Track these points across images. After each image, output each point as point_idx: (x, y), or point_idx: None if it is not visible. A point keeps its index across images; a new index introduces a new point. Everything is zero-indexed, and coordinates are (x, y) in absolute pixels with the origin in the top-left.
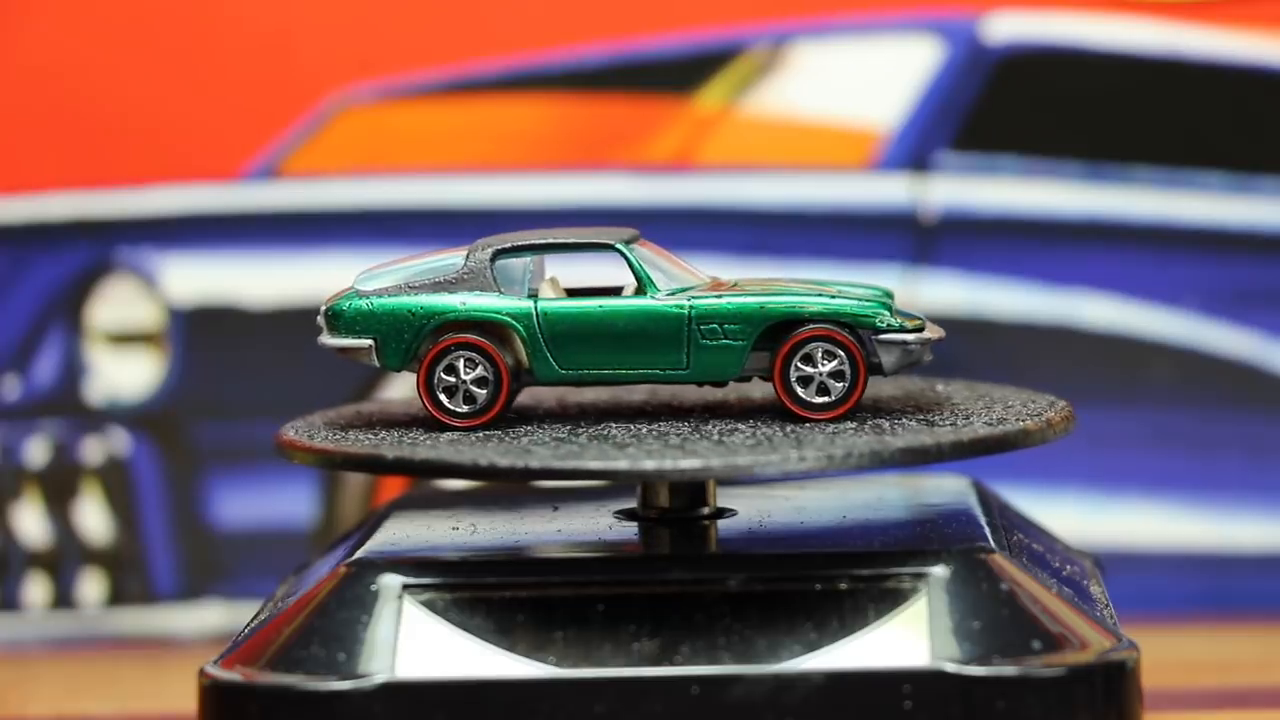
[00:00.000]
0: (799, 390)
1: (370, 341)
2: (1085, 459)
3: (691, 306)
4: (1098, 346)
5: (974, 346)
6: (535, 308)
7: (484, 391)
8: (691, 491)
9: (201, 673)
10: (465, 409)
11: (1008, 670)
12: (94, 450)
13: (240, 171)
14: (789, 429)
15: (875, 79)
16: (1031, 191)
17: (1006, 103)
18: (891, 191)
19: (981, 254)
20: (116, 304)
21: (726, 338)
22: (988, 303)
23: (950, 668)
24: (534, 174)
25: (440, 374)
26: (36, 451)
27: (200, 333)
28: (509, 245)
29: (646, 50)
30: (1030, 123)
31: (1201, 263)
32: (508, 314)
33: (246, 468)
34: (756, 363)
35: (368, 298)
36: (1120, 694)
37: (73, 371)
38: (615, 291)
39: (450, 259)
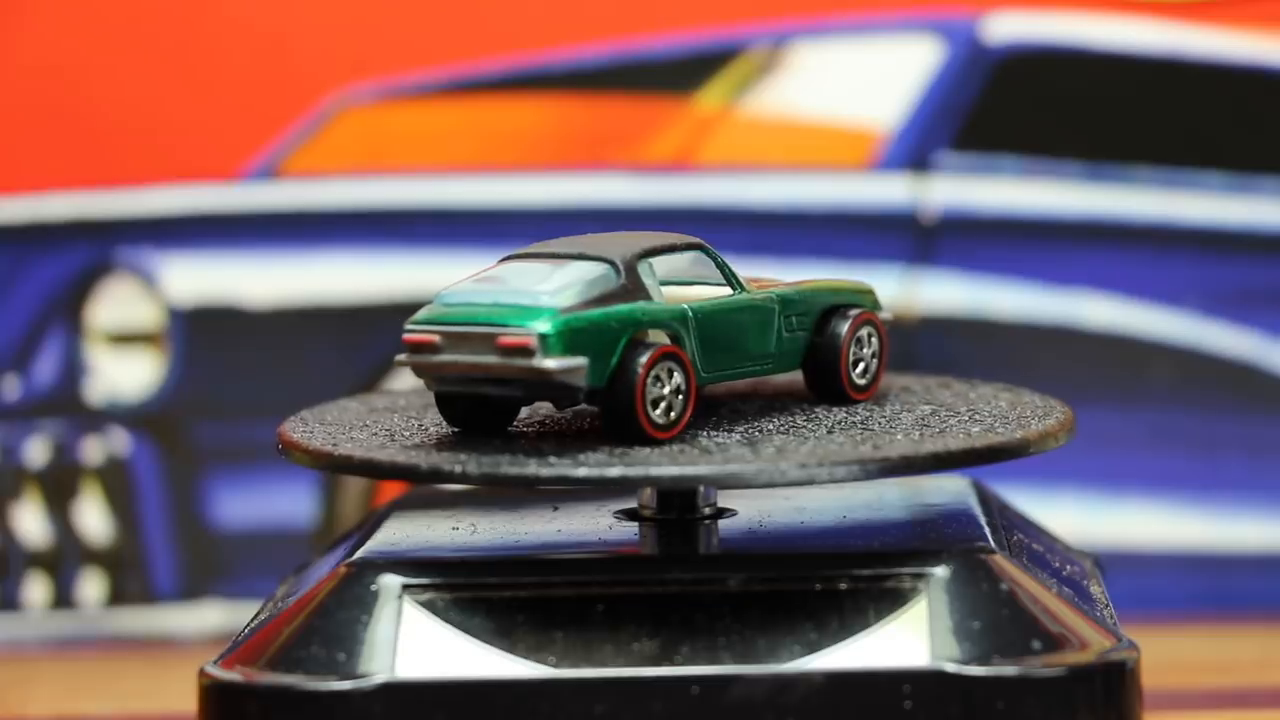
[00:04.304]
0: (852, 373)
1: (585, 360)
2: (1085, 459)
3: (780, 299)
4: (1098, 346)
5: (974, 346)
6: (689, 310)
7: (681, 399)
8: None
9: (201, 673)
10: (667, 420)
11: (1008, 670)
12: (94, 450)
13: (240, 171)
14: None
15: (875, 79)
16: (1031, 191)
17: (1006, 103)
18: (891, 191)
19: (981, 254)
20: (116, 304)
21: (799, 329)
22: (988, 303)
23: (950, 668)
24: (534, 174)
25: (649, 385)
26: (36, 451)
27: (200, 333)
28: (647, 249)
29: (646, 50)
30: (1030, 123)
31: (1201, 263)
32: (674, 319)
33: (246, 468)
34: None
35: (572, 315)
36: (1120, 694)
37: (73, 371)
38: None
39: (596, 269)
